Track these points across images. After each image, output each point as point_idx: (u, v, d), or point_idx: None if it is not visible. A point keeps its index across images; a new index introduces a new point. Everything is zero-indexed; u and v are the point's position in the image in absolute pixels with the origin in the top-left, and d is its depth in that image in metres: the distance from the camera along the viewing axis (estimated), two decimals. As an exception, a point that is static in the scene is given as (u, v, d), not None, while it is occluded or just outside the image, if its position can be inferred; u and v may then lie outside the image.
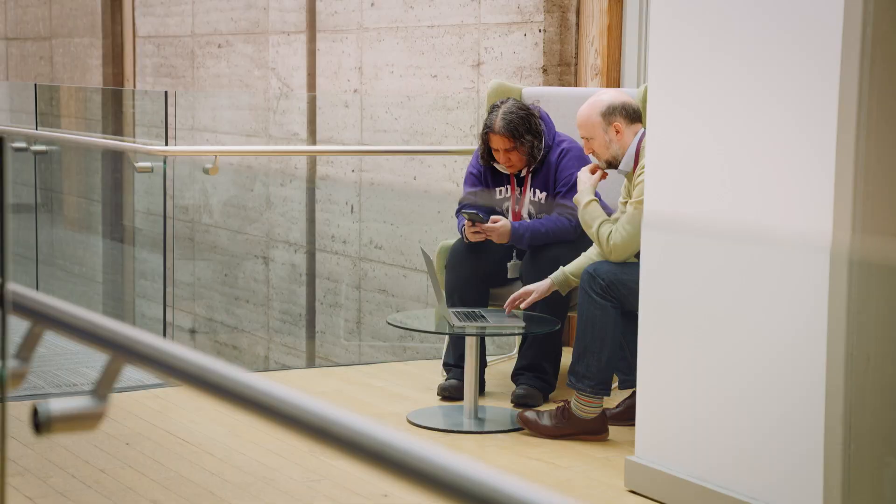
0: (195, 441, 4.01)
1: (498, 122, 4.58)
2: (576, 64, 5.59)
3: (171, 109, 5.10)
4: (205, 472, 3.70)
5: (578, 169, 4.50)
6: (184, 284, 8.35)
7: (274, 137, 7.51)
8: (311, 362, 7.26)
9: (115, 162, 8.46)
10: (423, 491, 0.99)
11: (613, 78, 5.46)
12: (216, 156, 4.83)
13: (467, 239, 4.64)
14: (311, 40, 7.19)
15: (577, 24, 5.56)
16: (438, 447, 1.00)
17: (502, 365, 5.20)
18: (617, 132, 4.18)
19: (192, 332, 8.24)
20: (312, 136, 7.20)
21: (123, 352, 1.29)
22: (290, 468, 3.77)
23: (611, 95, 4.24)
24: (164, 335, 5.15)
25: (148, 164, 4.89)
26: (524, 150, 4.59)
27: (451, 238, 4.90)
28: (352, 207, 6.91)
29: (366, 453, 1.02)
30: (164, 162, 4.88)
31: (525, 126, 4.57)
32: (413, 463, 0.96)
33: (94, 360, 5.20)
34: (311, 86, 7.23)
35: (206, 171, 4.87)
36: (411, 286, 6.47)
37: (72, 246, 9.40)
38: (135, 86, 9.03)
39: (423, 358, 5.68)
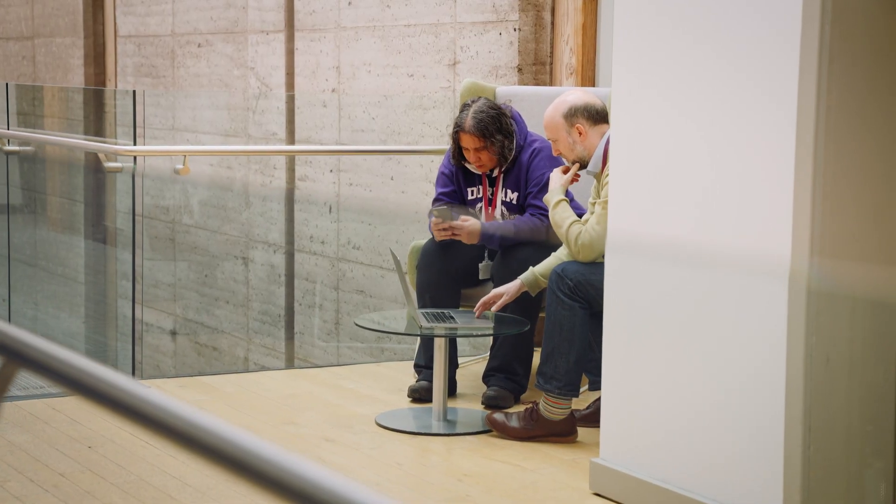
0: (159, 443, 3.97)
1: (468, 121, 4.54)
2: (551, 63, 5.56)
3: (139, 109, 5.05)
4: (166, 476, 3.66)
5: (550, 169, 4.48)
6: (164, 285, 8.31)
7: (253, 137, 7.47)
8: (290, 363, 7.22)
9: (97, 162, 8.41)
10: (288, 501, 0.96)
11: (588, 77, 5.42)
12: (185, 155, 4.78)
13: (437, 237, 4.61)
14: (290, 39, 7.15)
15: (552, 23, 5.52)
16: (302, 459, 0.96)
17: (476, 366, 5.16)
18: (580, 133, 4.15)
19: (173, 333, 8.21)
20: (291, 136, 7.16)
21: (17, 357, 1.25)
22: (252, 471, 3.73)
23: (574, 97, 4.21)
24: (133, 333, 5.11)
25: (118, 164, 4.85)
26: (494, 149, 4.56)
27: (426, 238, 4.86)
28: (330, 208, 6.87)
29: (231, 462, 0.98)
30: (134, 161, 4.83)
31: (496, 125, 4.54)
32: (279, 474, 0.93)
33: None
34: (290, 85, 7.19)
35: (176, 172, 4.82)
36: (389, 287, 6.43)
37: (54, 247, 9.36)
38: (116, 86, 8.99)
39: (401, 359, 5.64)
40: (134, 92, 5.10)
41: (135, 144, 4.98)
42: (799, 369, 2.92)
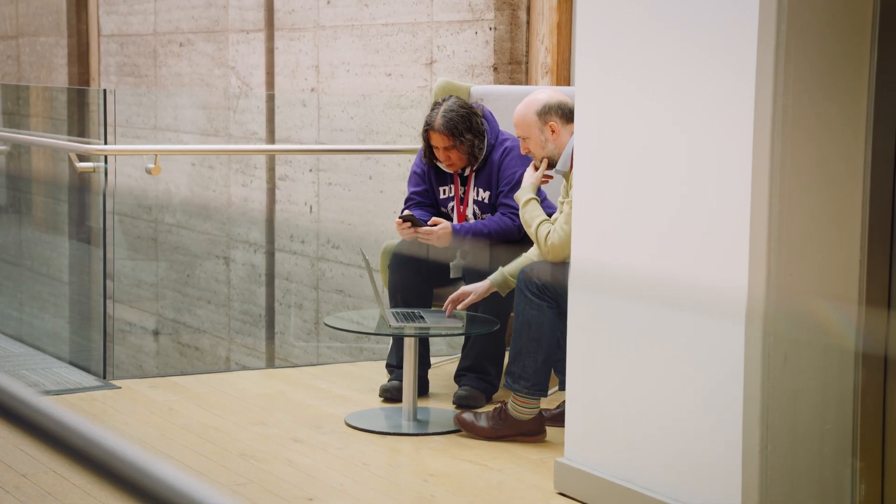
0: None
1: (438, 120, 4.53)
2: (526, 62, 5.54)
3: (111, 108, 5.03)
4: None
5: (521, 168, 4.47)
6: (147, 285, 8.29)
7: (234, 137, 7.46)
8: (270, 363, 7.20)
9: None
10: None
11: (564, 76, 5.41)
12: (156, 155, 4.77)
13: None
14: (270, 39, 7.14)
15: (528, 22, 5.51)
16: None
17: (449, 366, 5.15)
18: (552, 132, 4.14)
19: (156, 333, 8.19)
20: (271, 136, 7.15)
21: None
22: (218, 472, 3.72)
23: (547, 95, 4.20)
24: (105, 331, 5.09)
25: (89, 164, 4.82)
26: (464, 148, 4.55)
27: (397, 238, 4.84)
28: (311, 208, 6.86)
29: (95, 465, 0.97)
30: (105, 161, 4.81)
31: (465, 124, 4.53)
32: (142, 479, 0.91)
33: (35, 362, 5.14)
34: (270, 84, 7.18)
35: (148, 172, 4.81)
36: (368, 286, 6.41)
37: (38, 247, 9.34)
38: (99, 85, 8.97)
39: (379, 359, 5.63)
40: (104, 91, 5.08)
41: (105, 143, 4.96)
42: (757, 369, 2.91)
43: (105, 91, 5.06)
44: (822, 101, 2.91)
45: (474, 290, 4.28)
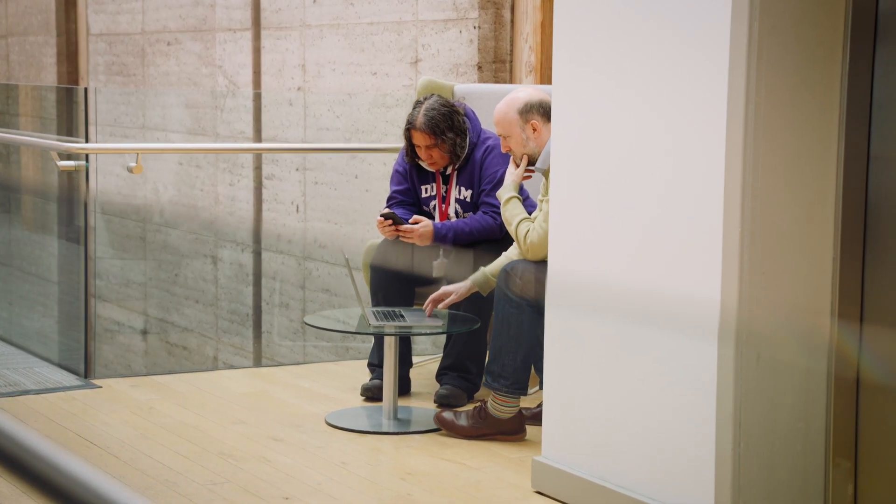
0: (103, 443, 3.95)
1: (419, 119, 4.53)
2: (510, 61, 5.54)
3: (91, 106, 5.02)
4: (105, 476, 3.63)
5: (503, 166, 4.47)
6: (135, 284, 8.28)
7: (221, 136, 7.45)
8: (258, 362, 7.19)
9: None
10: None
11: (547, 75, 5.40)
12: (138, 153, 4.76)
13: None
14: (256, 38, 7.13)
15: (512, 21, 5.50)
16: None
17: (432, 365, 5.14)
18: (534, 130, 4.14)
19: (144, 332, 8.18)
20: (258, 135, 7.14)
21: None
22: (194, 471, 3.71)
23: (528, 93, 4.19)
24: (87, 330, 5.08)
25: (70, 163, 4.81)
26: (446, 147, 4.54)
27: (381, 237, 4.83)
28: (297, 207, 6.85)
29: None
30: (86, 160, 4.80)
31: (447, 123, 4.52)
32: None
33: (16, 362, 5.13)
34: (257, 83, 7.17)
35: (129, 170, 4.79)
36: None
37: (28, 246, 9.32)
38: (88, 84, 8.96)
39: (365, 358, 5.62)
40: (86, 89, 5.08)
41: (87, 142, 4.95)
42: (729, 368, 2.90)
43: (86, 89, 5.05)
44: (795, 98, 2.91)
45: (455, 290, 4.27)
